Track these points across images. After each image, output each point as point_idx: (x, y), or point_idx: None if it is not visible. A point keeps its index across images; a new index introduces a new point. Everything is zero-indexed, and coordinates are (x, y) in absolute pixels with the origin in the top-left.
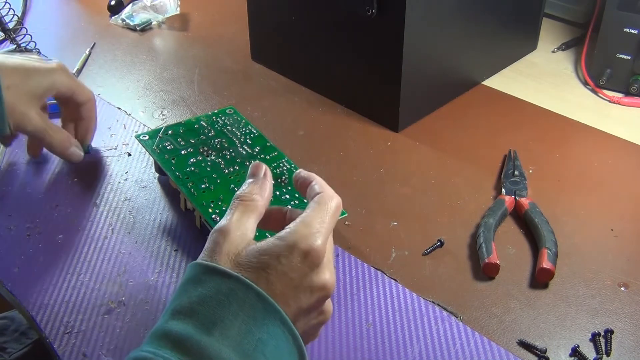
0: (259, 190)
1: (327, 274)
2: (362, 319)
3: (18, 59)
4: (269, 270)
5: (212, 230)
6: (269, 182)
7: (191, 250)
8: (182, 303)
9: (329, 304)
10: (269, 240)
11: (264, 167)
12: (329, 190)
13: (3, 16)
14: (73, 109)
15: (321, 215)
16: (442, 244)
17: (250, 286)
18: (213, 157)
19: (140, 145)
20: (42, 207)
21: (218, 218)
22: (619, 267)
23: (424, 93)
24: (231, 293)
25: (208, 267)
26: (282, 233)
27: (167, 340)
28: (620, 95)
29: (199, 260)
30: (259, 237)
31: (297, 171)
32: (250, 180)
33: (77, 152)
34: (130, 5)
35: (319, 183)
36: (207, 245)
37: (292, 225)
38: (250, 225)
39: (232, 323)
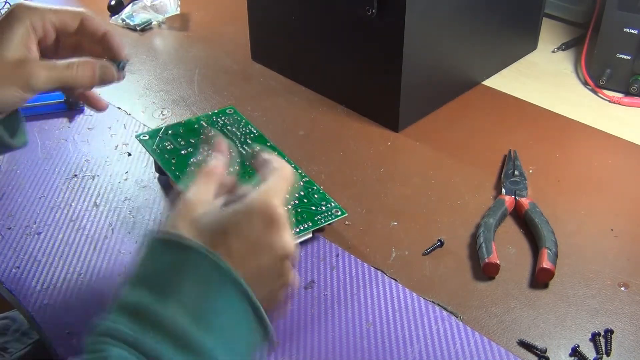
0: (218, 161)
1: (286, 235)
2: (362, 319)
3: None
4: (227, 232)
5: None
6: (228, 154)
7: None
8: (140, 274)
9: (288, 267)
10: (230, 205)
11: (224, 142)
12: (281, 161)
13: None
14: (69, 38)
15: (276, 180)
16: (442, 244)
17: (205, 256)
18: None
19: (140, 145)
20: (42, 207)
21: None
22: (619, 267)
23: (424, 93)
24: (187, 262)
25: (165, 238)
26: (244, 197)
27: (124, 311)
28: (620, 95)
29: (158, 231)
30: None
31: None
32: (213, 155)
33: (109, 72)
34: (130, 5)
35: (270, 156)
36: (170, 213)
37: (253, 191)
38: (210, 193)
39: (188, 292)
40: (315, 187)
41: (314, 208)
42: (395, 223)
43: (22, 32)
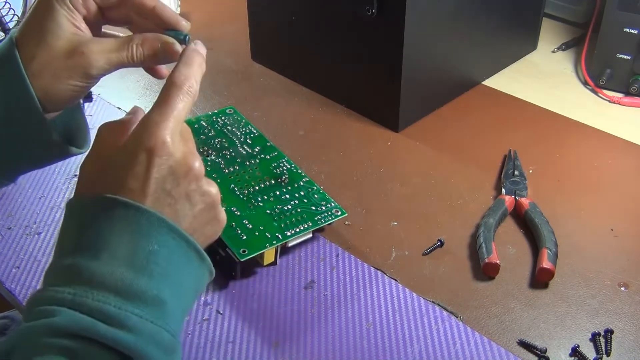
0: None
1: (183, 156)
2: (362, 319)
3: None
4: (119, 172)
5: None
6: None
7: None
8: (66, 238)
9: (206, 186)
10: (115, 152)
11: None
12: (178, 71)
13: (3, 16)
14: (114, 12)
15: (164, 101)
16: (442, 244)
17: (127, 203)
18: (213, 157)
19: None
20: (42, 207)
21: None
22: (619, 267)
23: (424, 93)
24: (111, 214)
25: (83, 198)
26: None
27: (60, 277)
28: (620, 95)
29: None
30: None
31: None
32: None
33: (172, 49)
34: None
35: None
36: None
37: (135, 127)
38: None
39: (118, 242)
40: (315, 187)
41: (314, 208)
42: (395, 223)
43: (65, 12)
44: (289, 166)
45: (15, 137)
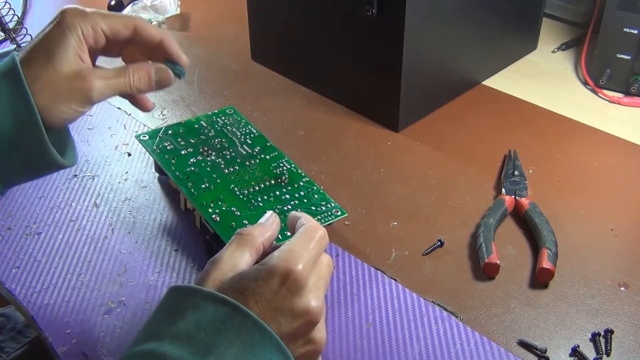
0: (259, 229)
1: (310, 300)
2: (362, 319)
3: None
4: (246, 292)
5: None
6: (274, 226)
7: (191, 251)
8: (180, 328)
9: (318, 333)
10: (252, 267)
11: (274, 215)
12: (313, 222)
13: (3, 16)
14: (118, 45)
15: (304, 242)
16: (442, 244)
17: (247, 314)
18: (213, 157)
19: (140, 145)
20: (42, 207)
21: (218, 218)
22: (619, 267)
23: (424, 93)
24: (228, 320)
25: (206, 293)
26: (266, 259)
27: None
28: (620, 95)
29: (195, 285)
30: None
31: (290, 213)
32: (258, 222)
33: (166, 75)
34: (131, 5)
35: (304, 217)
36: (200, 273)
37: (276, 252)
38: (243, 258)
39: (227, 350)
40: (315, 187)
41: (314, 208)
42: (395, 223)
43: (75, 42)
44: (289, 166)
45: (15, 151)
